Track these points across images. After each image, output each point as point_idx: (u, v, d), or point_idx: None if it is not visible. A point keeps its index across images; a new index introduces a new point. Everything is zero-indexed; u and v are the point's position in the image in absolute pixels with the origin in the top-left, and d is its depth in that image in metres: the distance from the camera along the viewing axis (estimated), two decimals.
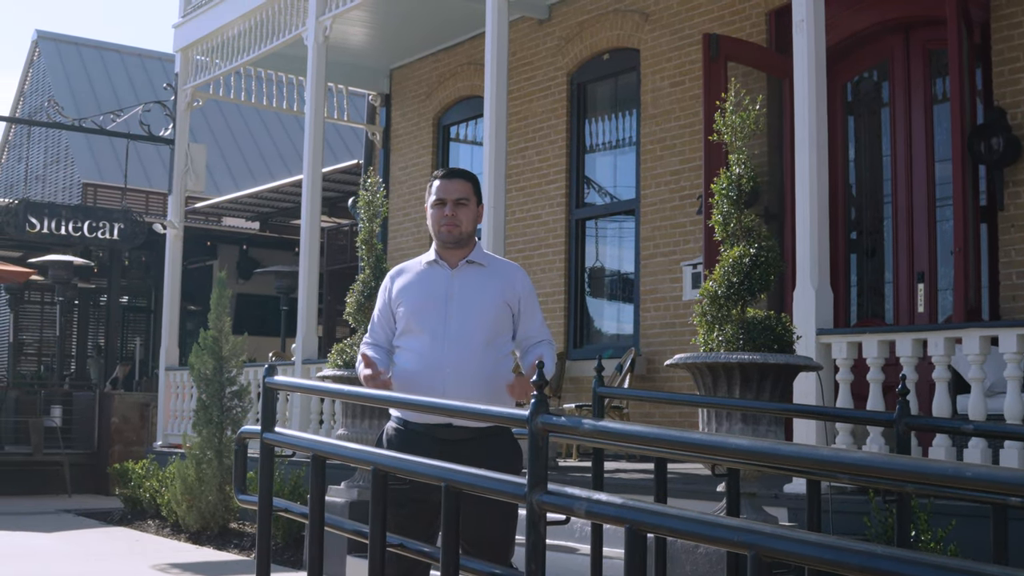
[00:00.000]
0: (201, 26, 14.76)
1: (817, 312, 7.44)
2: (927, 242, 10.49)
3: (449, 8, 14.15)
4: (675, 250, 12.31)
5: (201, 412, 11.55)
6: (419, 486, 4.72)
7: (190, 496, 11.41)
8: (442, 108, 15.83)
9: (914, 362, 7.06)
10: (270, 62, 15.03)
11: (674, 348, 12.10)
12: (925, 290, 10.45)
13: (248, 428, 5.57)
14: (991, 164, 9.55)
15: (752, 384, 6.43)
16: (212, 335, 11.67)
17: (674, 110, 12.44)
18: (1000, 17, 9.66)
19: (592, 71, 13.71)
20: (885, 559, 2.79)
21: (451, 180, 5.28)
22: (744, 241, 6.72)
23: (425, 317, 5.08)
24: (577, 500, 3.59)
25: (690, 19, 12.33)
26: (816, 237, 7.56)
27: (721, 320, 6.66)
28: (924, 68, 10.62)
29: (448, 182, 5.27)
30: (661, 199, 12.49)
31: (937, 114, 10.57)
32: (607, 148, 13.75)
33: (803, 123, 7.73)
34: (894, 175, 10.77)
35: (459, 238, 5.21)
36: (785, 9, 11.40)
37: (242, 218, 23.51)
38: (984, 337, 6.76)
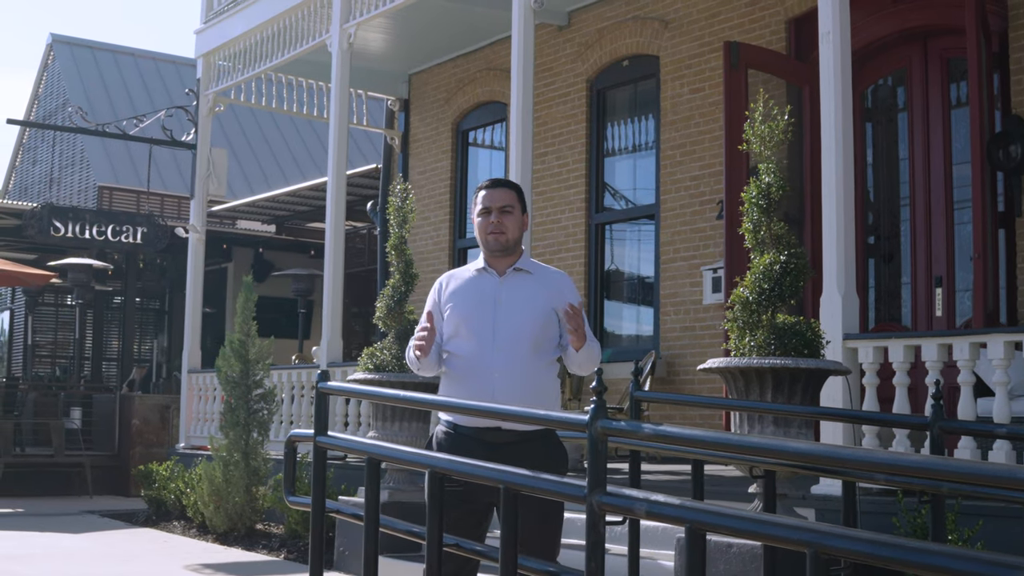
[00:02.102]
0: (223, 32, 14.94)
1: (844, 317, 7.60)
2: (945, 247, 10.64)
3: (468, 14, 14.32)
4: (695, 254, 12.47)
5: (228, 415, 11.72)
6: (470, 488, 4.90)
7: (217, 497, 11.58)
8: (461, 113, 15.99)
9: (939, 366, 7.22)
10: (291, 68, 15.21)
11: (694, 351, 12.28)
12: (943, 294, 10.62)
13: (298, 432, 5.75)
14: (1009, 171, 9.71)
15: (783, 388, 6.59)
16: (239, 338, 11.84)
17: (694, 116, 12.60)
18: (1018, 27, 9.82)
19: (611, 77, 13.87)
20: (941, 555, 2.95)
21: (496, 189, 5.44)
22: (774, 248, 6.88)
23: (473, 323, 5.23)
24: (637, 501, 3.75)
25: (710, 26, 12.49)
26: (843, 244, 7.72)
27: (752, 325, 6.81)
28: (942, 75, 10.79)
29: (493, 191, 5.43)
30: (681, 204, 12.65)
31: (954, 121, 10.73)
32: (627, 153, 13.91)
33: (829, 133, 7.89)
34: (912, 181, 10.93)
35: (505, 245, 5.36)
36: (805, 17, 11.64)
37: (258, 221, 23.68)
38: (1008, 342, 6.92)
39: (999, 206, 9.91)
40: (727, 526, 3.49)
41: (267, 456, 11.86)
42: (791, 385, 6.60)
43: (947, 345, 7.23)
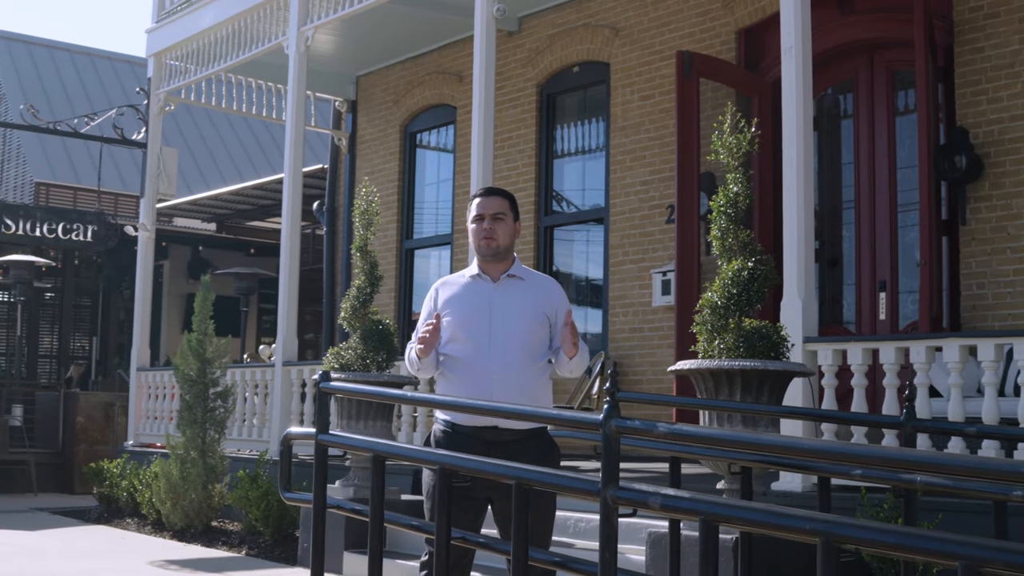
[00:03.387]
0: (175, 32, 15.01)
1: (804, 321, 7.91)
2: (889, 252, 11.01)
3: (418, 18, 14.47)
4: (644, 257, 12.76)
5: (185, 412, 11.84)
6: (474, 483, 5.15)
7: (174, 495, 11.70)
8: (409, 115, 16.18)
9: (896, 369, 7.56)
10: (244, 69, 15.31)
11: (643, 352, 12.59)
12: (887, 299, 10.99)
13: (295, 430, 5.94)
14: (954, 181, 10.09)
15: (752, 388, 6.89)
16: (196, 337, 11.97)
17: (644, 123, 12.89)
18: (963, 42, 10.20)
19: (562, 83, 14.13)
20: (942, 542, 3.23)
21: (488, 197, 5.72)
22: (742, 255, 7.17)
23: (470, 328, 5.48)
24: (651, 495, 4.00)
25: (660, 35, 12.79)
26: (803, 251, 8.02)
27: (720, 329, 7.10)
28: (887, 86, 11.16)
29: (486, 199, 5.70)
30: (631, 208, 12.94)
31: (899, 130, 11.11)
32: (576, 158, 14.18)
33: (791, 145, 8.18)
34: (857, 187, 11.28)
35: (497, 251, 5.62)
36: (754, 28, 11.99)
37: (198, 219, 23.70)
38: (963, 346, 7.27)
39: (943, 214, 10.29)
40: (742, 518, 3.75)
41: (223, 454, 12.00)
42: (759, 386, 6.89)
43: (904, 348, 7.56)
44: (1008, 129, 9.85)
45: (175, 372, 12.09)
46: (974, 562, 3.11)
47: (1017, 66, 9.84)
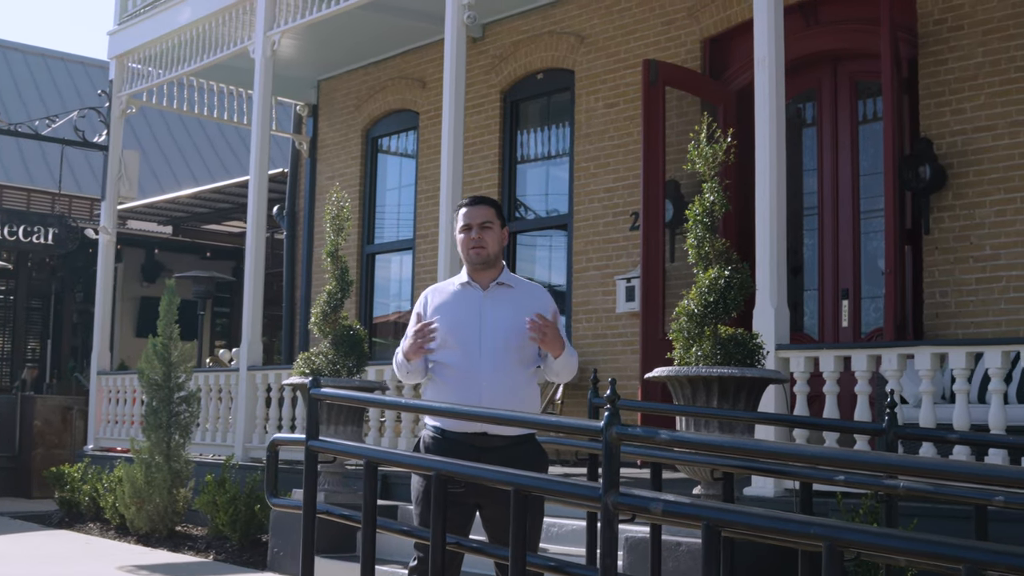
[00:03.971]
0: (138, 35, 14.98)
1: (777, 329, 8.02)
2: (852, 259, 11.16)
3: (381, 24, 14.48)
4: (608, 264, 12.85)
5: (150, 417, 11.82)
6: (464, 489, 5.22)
7: (139, 499, 11.67)
8: (371, 120, 16.19)
9: (868, 376, 7.69)
10: (207, 72, 15.29)
11: (606, 358, 12.67)
12: (849, 306, 11.14)
13: (281, 436, 5.98)
14: (918, 191, 10.24)
15: (728, 395, 6.99)
16: (162, 341, 11.96)
17: (608, 130, 12.98)
18: (927, 54, 10.36)
19: (526, 89, 14.20)
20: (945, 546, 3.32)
21: (475, 207, 5.78)
22: (718, 264, 7.27)
23: (461, 335, 5.54)
24: (652, 501, 4.08)
25: (626, 43, 12.88)
26: (776, 260, 8.14)
27: (697, 336, 7.20)
28: (851, 96, 11.31)
29: (473, 208, 5.76)
30: (595, 215, 13.02)
31: (862, 140, 11.26)
32: (540, 165, 14.25)
33: (764, 155, 8.29)
34: (820, 196, 11.42)
35: (486, 259, 5.68)
36: (719, 38, 12.12)
37: (154, 222, 23.59)
38: (935, 354, 7.40)
39: (907, 223, 10.44)
40: (744, 523, 3.82)
41: (188, 458, 11.98)
42: (735, 393, 7.00)
43: (876, 356, 7.69)
44: (971, 140, 10.02)
45: (139, 376, 12.07)
46: (977, 565, 3.21)
47: (980, 78, 10.01)
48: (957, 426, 7.14)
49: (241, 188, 19.61)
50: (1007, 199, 9.82)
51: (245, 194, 19.74)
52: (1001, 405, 7.08)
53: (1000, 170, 9.86)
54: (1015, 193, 9.77)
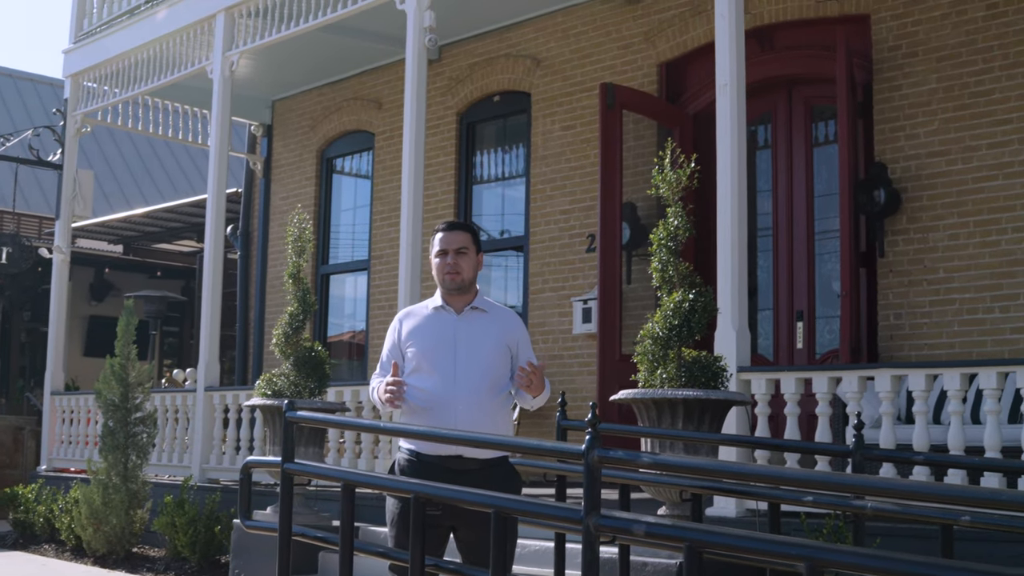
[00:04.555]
0: (94, 53, 14.94)
1: (738, 351, 8.14)
2: (806, 282, 11.32)
3: (338, 45, 14.49)
4: (564, 286, 12.94)
5: (108, 438, 11.77)
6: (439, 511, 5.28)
7: (96, 520, 11.62)
8: (326, 141, 16.21)
9: (828, 398, 7.82)
10: (162, 91, 15.26)
11: (562, 379, 12.74)
12: (804, 328, 11.29)
13: (255, 459, 6.02)
14: (872, 215, 10.41)
15: (693, 417, 7.09)
16: (119, 362, 11.92)
17: (565, 152, 13.08)
18: (882, 80, 10.54)
19: (482, 111, 14.29)
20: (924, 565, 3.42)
21: (452, 232, 5.86)
22: (682, 287, 7.38)
23: (435, 358, 5.61)
24: (634, 523, 4.16)
25: (582, 67, 13.00)
26: (736, 283, 8.25)
27: (661, 359, 7.30)
28: (805, 120, 11.49)
29: (449, 234, 5.85)
30: (551, 236, 13.11)
31: (817, 164, 11.44)
32: (497, 186, 14.34)
33: (725, 179, 8.41)
34: (775, 219, 11.57)
35: (461, 285, 5.78)
36: (676, 62, 12.27)
37: (104, 241, 23.47)
38: (895, 376, 7.54)
39: (861, 246, 10.61)
40: (726, 544, 3.91)
41: (146, 479, 11.95)
42: (700, 415, 7.10)
43: (836, 378, 7.82)
44: (925, 165, 10.20)
45: (97, 397, 12.02)
46: None
47: (934, 104, 10.20)
48: (917, 446, 7.28)
49: (194, 208, 19.58)
50: (960, 223, 10.00)
51: (198, 213, 19.79)
52: (960, 426, 7.22)
53: (953, 195, 10.05)
54: (968, 217, 9.95)
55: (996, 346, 9.68)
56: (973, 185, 9.97)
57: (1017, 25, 9.82)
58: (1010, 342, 9.63)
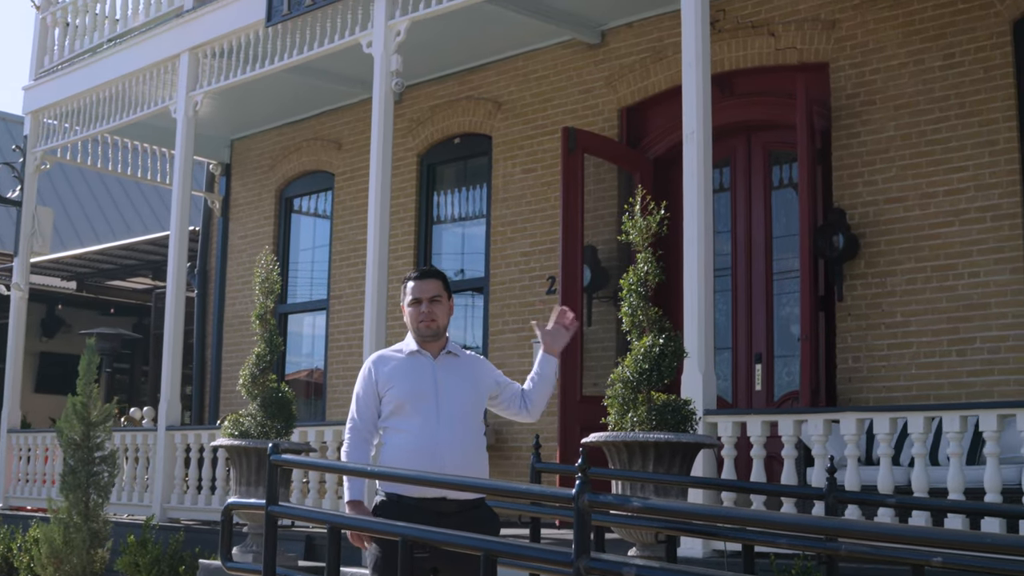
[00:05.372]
0: (55, 90, 14.94)
1: (704, 394, 8.27)
2: (764, 324, 11.49)
3: (300, 86, 14.54)
4: (523, 327, 13.04)
5: (69, 477, 11.71)
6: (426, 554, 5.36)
7: (56, 560, 11.55)
8: (285, 180, 16.26)
9: (794, 440, 7.96)
10: (123, 129, 15.27)
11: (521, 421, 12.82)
12: (762, 370, 11.46)
13: (237, 500, 6.09)
14: (832, 259, 10.60)
15: (664, 460, 7.21)
16: (81, 400, 11.88)
17: (525, 195, 13.21)
18: (840, 127, 10.76)
19: (442, 153, 14.39)
20: None
21: (424, 280, 5.99)
22: (651, 332, 7.51)
23: (417, 402, 5.72)
24: (624, 566, 4.26)
25: (543, 110, 13.15)
26: (703, 327, 8.40)
27: (631, 402, 7.43)
28: (764, 165, 11.69)
29: (422, 282, 5.97)
30: (511, 278, 13.23)
31: (775, 208, 11.63)
32: (457, 227, 14.45)
33: (692, 225, 8.56)
34: (734, 260, 11.73)
35: (437, 332, 5.91)
36: (636, 107, 12.44)
37: (57, 277, 23.36)
38: (859, 420, 7.71)
39: (820, 290, 10.80)
40: None
41: (107, 519, 11.90)
42: (671, 457, 7.22)
43: (802, 421, 7.97)
44: (883, 211, 10.41)
45: (58, 436, 11.96)
46: None
47: (892, 151, 10.42)
48: (882, 488, 7.44)
49: (150, 245, 19.57)
50: (918, 267, 10.21)
51: (153, 251, 19.78)
52: (924, 468, 7.38)
53: (911, 240, 10.26)
54: (925, 262, 10.16)
55: (953, 388, 9.88)
56: (930, 231, 10.18)
57: (973, 75, 10.07)
58: (967, 385, 9.84)
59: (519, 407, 6.04)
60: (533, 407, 6.03)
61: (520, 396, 6.05)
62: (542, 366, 6.16)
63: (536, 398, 6.07)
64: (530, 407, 6.04)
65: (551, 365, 6.14)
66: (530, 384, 6.16)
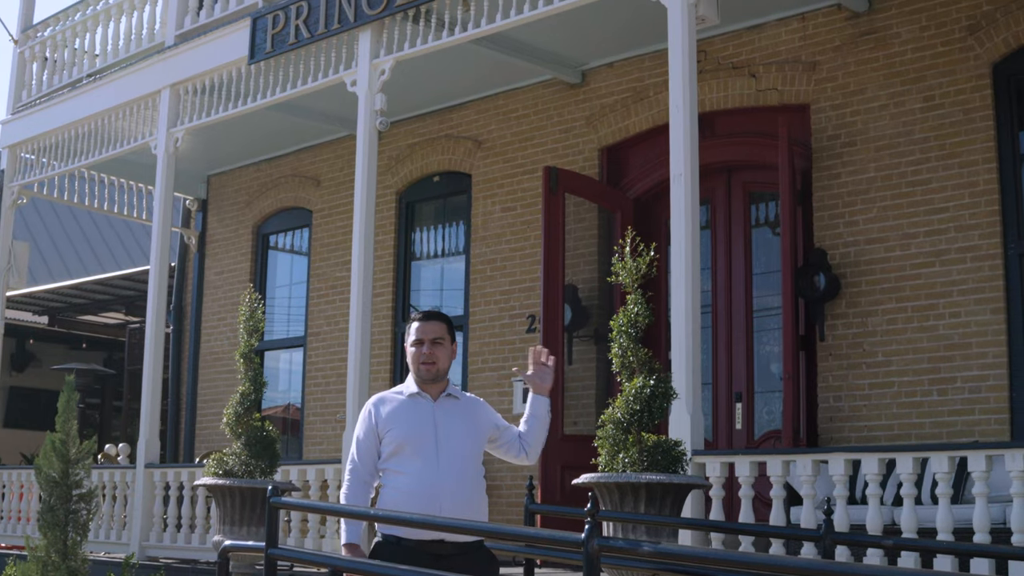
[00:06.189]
0: (33, 125, 14.91)
1: (692, 435, 8.30)
2: (745, 363, 11.54)
3: (280, 123, 14.53)
4: (503, 366, 13.05)
5: (47, 514, 11.59)
6: None
7: None
8: (263, 217, 16.24)
9: (782, 481, 8.00)
10: (101, 165, 15.24)
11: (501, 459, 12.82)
12: (743, 409, 11.50)
13: (233, 543, 6.06)
14: (813, 299, 10.68)
15: (655, 501, 7.23)
16: (60, 438, 11.80)
17: (505, 234, 13.23)
18: (821, 168, 10.86)
19: (422, 191, 14.42)
20: None
21: (428, 322, 6.01)
22: (641, 373, 7.54)
23: (417, 444, 5.73)
24: None
25: (523, 149, 13.20)
26: (691, 368, 8.43)
27: (622, 443, 7.45)
28: (744, 205, 11.76)
29: (425, 324, 5.99)
30: (491, 316, 13.24)
31: (755, 247, 11.70)
32: (435, 266, 14.46)
33: (679, 268, 8.59)
34: (714, 297, 11.77)
35: (436, 375, 5.94)
36: (617, 147, 12.51)
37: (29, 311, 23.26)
38: (848, 460, 7.75)
39: (801, 330, 10.86)
40: None
41: (86, 557, 11.81)
42: (662, 498, 7.24)
43: (789, 461, 8.01)
44: (864, 252, 10.50)
45: (36, 473, 11.86)
46: None
47: (872, 192, 10.52)
48: (871, 529, 7.48)
49: (124, 280, 19.52)
50: (898, 308, 10.29)
51: (127, 286, 19.73)
52: (913, 508, 7.43)
53: (892, 280, 10.35)
54: (906, 302, 10.25)
55: (935, 428, 9.95)
56: (911, 271, 10.27)
57: (952, 117, 10.19)
58: (948, 424, 9.91)
59: (518, 450, 6.09)
60: (531, 449, 6.08)
61: (518, 439, 6.10)
62: (534, 407, 6.21)
63: (533, 440, 6.12)
64: (528, 450, 6.09)
65: (543, 405, 6.20)
66: (525, 427, 6.21)
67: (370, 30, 11.11)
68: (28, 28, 15.46)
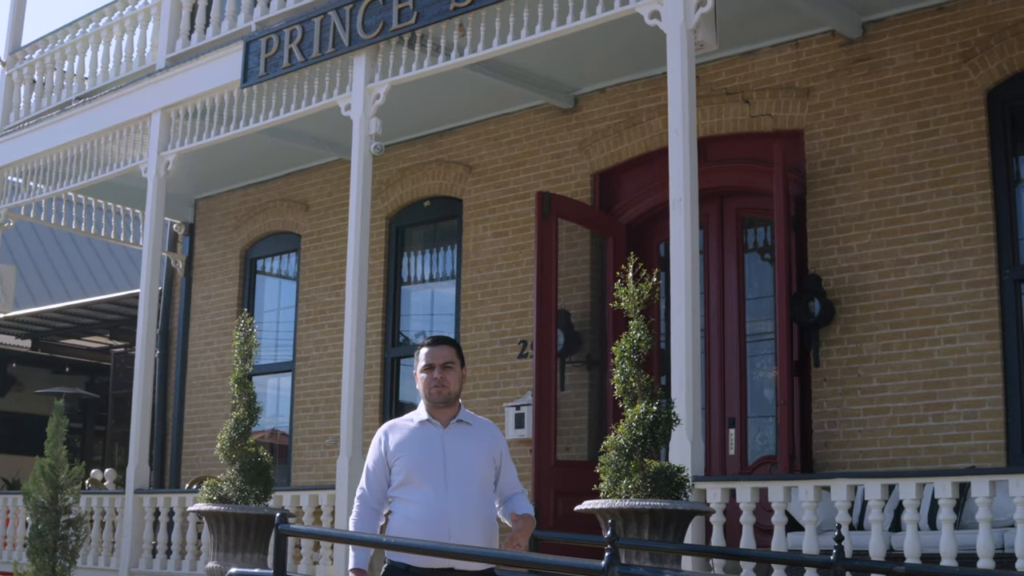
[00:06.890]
0: (20, 148, 14.84)
1: (693, 461, 8.27)
2: (738, 389, 11.53)
3: (270, 147, 14.47)
4: (495, 391, 12.99)
5: (36, 540, 11.55)
6: None
7: None
8: (251, 241, 16.17)
9: (783, 507, 7.98)
10: (89, 189, 15.18)
11: None
12: (736, 434, 11.49)
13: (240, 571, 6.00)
14: (808, 325, 10.68)
15: (659, 527, 7.22)
16: (49, 463, 11.74)
17: (496, 259, 13.19)
18: (815, 194, 10.87)
19: (412, 216, 14.38)
20: None
21: (438, 347, 5.97)
22: (644, 399, 7.53)
23: (425, 472, 5.69)
24: None
25: (515, 174, 13.17)
26: (691, 394, 8.41)
27: (625, 470, 7.43)
28: (736, 231, 11.77)
29: (435, 349, 5.95)
30: (482, 342, 13.20)
31: (748, 273, 11.71)
32: (426, 291, 14.42)
33: (679, 292, 8.58)
34: (707, 325, 11.77)
35: (447, 398, 5.89)
36: (609, 172, 12.51)
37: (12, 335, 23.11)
38: (850, 486, 7.75)
39: (795, 355, 10.86)
40: None
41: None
42: (665, 524, 7.23)
43: (791, 488, 8.00)
44: (858, 277, 10.51)
45: (25, 499, 11.81)
46: None
47: (867, 218, 10.53)
48: (874, 555, 7.48)
49: (109, 304, 19.42)
50: (893, 333, 10.30)
51: (112, 310, 19.62)
52: (915, 533, 7.42)
53: (886, 306, 10.36)
54: (901, 328, 10.26)
55: (930, 453, 9.95)
56: (906, 297, 10.28)
57: (947, 144, 10.22)
58: (943, 450, 9.91)
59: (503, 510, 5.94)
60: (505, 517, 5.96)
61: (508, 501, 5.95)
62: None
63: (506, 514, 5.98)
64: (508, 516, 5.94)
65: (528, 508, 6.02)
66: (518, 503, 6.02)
67: (365, 54, 11.10)
68: (16, 50, 15.39)
